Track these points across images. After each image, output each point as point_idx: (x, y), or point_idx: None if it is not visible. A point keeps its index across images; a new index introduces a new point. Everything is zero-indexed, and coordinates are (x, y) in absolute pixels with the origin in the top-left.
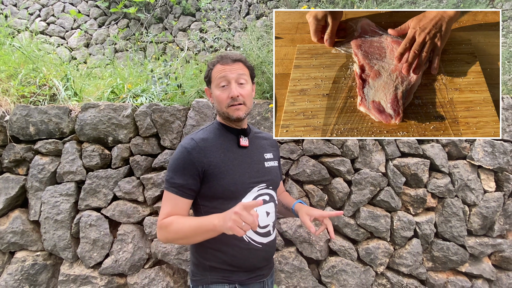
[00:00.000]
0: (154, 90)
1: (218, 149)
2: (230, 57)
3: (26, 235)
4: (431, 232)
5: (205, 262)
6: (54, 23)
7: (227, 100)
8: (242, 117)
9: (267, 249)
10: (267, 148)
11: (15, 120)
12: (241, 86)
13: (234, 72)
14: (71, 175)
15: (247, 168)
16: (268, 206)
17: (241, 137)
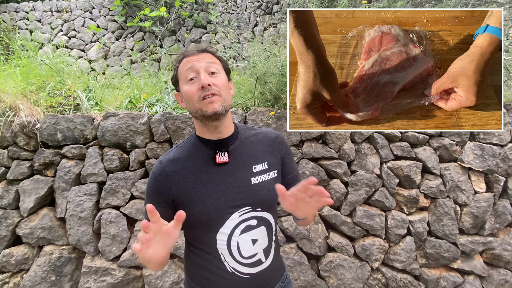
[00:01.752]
0: (168, 100)
1: (189, 172)
2: (195, 48)
3: (53, 230)
4: (424, 230)
5: (192, 283)
6: (75, 37)
7: (198, 93)
8: (219, 111)
9: (260, 278)
10: (259, 156)
11: (44, 127)
12: (212, 76)
13: (201, 60)
14: (93, 177)
15: (224, 190)
16: (254, 232)
17: (217, 154)
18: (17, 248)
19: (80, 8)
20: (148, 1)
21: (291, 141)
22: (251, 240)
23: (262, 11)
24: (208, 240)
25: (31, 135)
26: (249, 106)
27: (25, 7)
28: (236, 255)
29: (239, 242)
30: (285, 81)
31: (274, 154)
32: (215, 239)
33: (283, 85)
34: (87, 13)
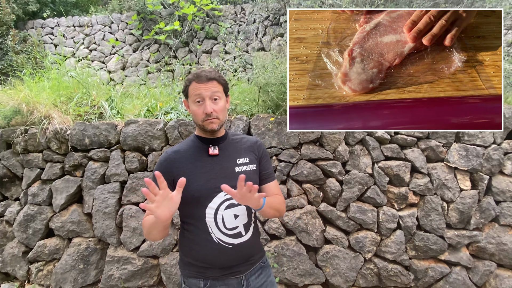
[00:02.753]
0: (181, 108)
1: (187, 160)
2: (205, 75)
3: (81, 224)
4: (413, 224)
5: (184, 257)
6: (96, 50)
7: (202, 115)
8: (216, 129)
9: (240, 249)
10: (242, 153)
11: (74, 133)
12: (214, 102)
13: (208, 90)
14: (116, 177)
15: (214, 174)
16: (236, 209)
17: (210, 147)
18: (50, 240)
19: (100, 23)
20: (162, 15)
21: (290, 144)
22: (233, 215)
23: (270, 22)
24: (198, 215)
25: (62, 140)
26: (253, 113)
27: (50, 23)
28: (221, 226)
29: (223, 216)
30: (285, 90)
31: (254, 153)
32: (204, 213)
33: (282, 94)
34: (106, 28)
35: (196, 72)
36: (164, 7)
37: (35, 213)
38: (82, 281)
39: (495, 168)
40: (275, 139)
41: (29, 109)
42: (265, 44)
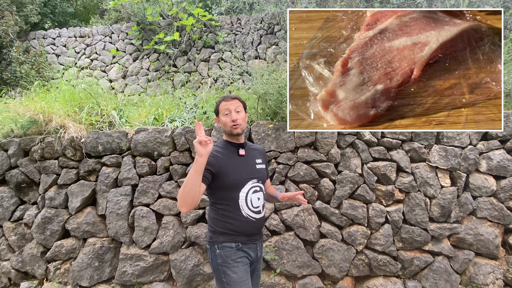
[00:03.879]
0: (186, 116)
1: (225, 157)
2: (230, 96)
3: (96, 225)
4: (399, 219)
5: (218, 229)
6: (97, 59)
7: (230, 123)
8: (240, 133)
9: (259, 222)
10: (257, 156)
11: (88, 141)
12: (237, 114)
13: (233, 105)
14: (128, 180)
15: (244, 169)
16: (259, 194)
17: (240, 149)
18: (66, 240)
19: (101, 33)
20: (162, 26)
21: (287, 147)
22: (257, 198)
23: (265, 31)
24: (233, 197)
25: (77, 148)
26: (253, 120)
27: (52, 34)
28: (250, 205)
29: (251, 198)
30: (281, 99)
31: (262, 157)
32: (238, 196)
33: (280, 103)
34: (107, 38)
35: (224, 95)
36: (163, 18)
37: (52, 215)
38: (97, 278)
39: (471, 166)
40: (274, 143)
41: (45, 119)
42: (261, 53)
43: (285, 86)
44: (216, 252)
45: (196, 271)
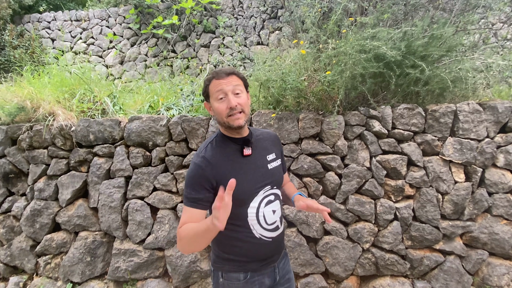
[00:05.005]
0: (185, 104)
1: (225, 162)
2: (224, 71)
3: (88, 218)
4: (409, 215)
5: (224, 254)
6: (93, 44)
7: (226, 111)
8: (243, 124)
9: (277, 241)
10: (269, 148)
11: (79, 130)
12: (237, 96)
13: (229, 84)
14: (121, 172)
15: (252, 175)
16: (273, 204)
17: (244, 148)
18: (57, 233)
19: (98, 17)
20: (160, 9)
21: (291, 139)
22: (272, 211)
23: (268, 16)
24: (240, 215)
25: (67, 136)
26: (254, 109)
27: (47, 17)
28: (263, 223)
29: (264, 213)
30: (285, 87)
31: (276, 147)
32: (246, 213)
33: (283, 90)
34: (104, 22)
35: (214, 70)
36: (162, 1)
37: (42, 208)
38: (89, 273)
39: (488, 161)
40: (276, 134)
41: (33, 106)
42: (264, 38)
43: (289, 72)
44: (220, 280)
45: (193, 267)
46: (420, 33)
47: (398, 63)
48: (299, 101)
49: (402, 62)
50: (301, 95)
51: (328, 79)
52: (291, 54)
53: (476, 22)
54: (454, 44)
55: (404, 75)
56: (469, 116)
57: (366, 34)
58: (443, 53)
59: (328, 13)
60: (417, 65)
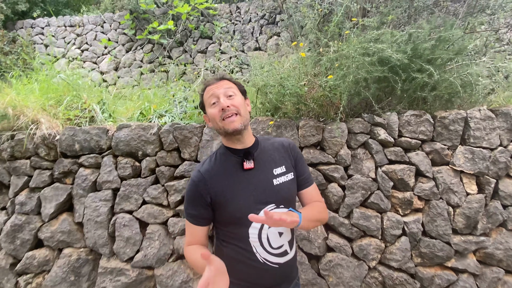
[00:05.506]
0: (178, 111)
1: (221, 177)
2: (214, 77)
3: (72, 234)
4: (418, 230)
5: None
6: (87, 50)
7: (219, 113)
8: (239, 128)
9: (285, 268)
10: (278, 160)
11: (63, 139)
12: (230, 98)
13: (220, 87)
14: (108, 184)
15: (252, 191)
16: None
17: (245, 161)
18: (39, 250)
19: (92, 22)
20: (156, 14)
21: None
22: (277, 232)
23: (266, 21)
24: (241, 235)
25: (51, 146)
26: (251, 116)
27: (41, 23)
28: (266, 246)
29: (268, 235)
30: (284, 92)
31: (289, 158)
32: (247, 233)
33: (281, 96)
34: (98, 27)
35: (206, 79)
36: (158, 6)
37: (23, 223)
38: None
39: (502, 171)
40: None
41: (15, 113)
42: (261, 44)
43: (288, 77)
44: None
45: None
46: (427, 35)
47: (403, 67)
48: (299, 107)
49: (408, 66)
50: (301, 101)
51: (330, 83)
52: (290, 58)
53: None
54: (463, 47)
55: (410, 80)
56: (480, 123)
57: (369, 36)
58: (451, 57)
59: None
60: (424, 69)
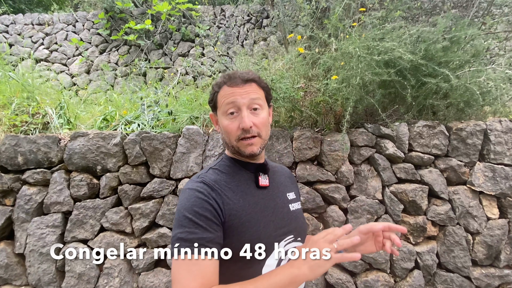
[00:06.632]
0: (146, 117)
1: (235, 193)
2: (240, 76)
3: (11, 269)
4: (433, 262)
5: None
6: (57, 51)
7: (237, 132)
8: (257, 153)
9: None
10: (288, 185)
11: (3, 150)
12: (254, 113)
13: (245, 96)
14: (58, 206)
15: (271, 215)
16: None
17: (260, 175)
18: None
19: (63, 21)
20: (134, 14)
21: (283, 163)
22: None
23: (252, 25)
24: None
25: None
26: None
27: (5, 20)
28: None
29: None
30: (276, 97)
31: (295, 187)
32: (260, 273)
33: (273, 101)
34: (70, 26)
35: (228, 73)
36: (136, 6)
37: None
38: None
39: None
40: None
41: None
42: (247, 49)
43: (281, 78)
44: None
45: None
46: (440, 33)
47: (413, 71)
48: (293, 115)
49: (417, 69)
50: (296, 107)
51: (331, 87)
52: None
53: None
54: (481, 49)
55: (419, 85)
56: (502, 137)
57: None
58: (468, 59)
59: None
60: (436, 73)
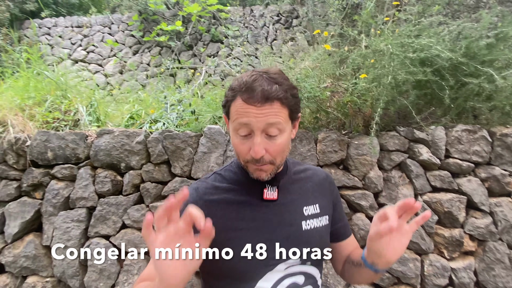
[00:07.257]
0: (171, 116)
1: (229, 204)
2: (261, 91)
3: (38, 260)
4: (470, 281)
5: None
6: (93, 52)
7: (247, 156)
8: (265, 179)
9: None
10: (311, 196)
11: (35, 145)
12: (271, 140)
13: (261, 119)
14: (83, 201)
15: (270, 233)
16: None
17: (266, 187)
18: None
19: (100, 23)
20: (166, 16)
21: None
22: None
23: (281, 25)
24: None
25: (20, 153)
26: None
27: (48, 23)
28: None
29: None
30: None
31: (326, 196)
32: None
33: None
34: (106, 28)
35: (247, 80)
36: (168, 8)
37: None
38: None
39: None
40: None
41: None
42: (276, 49)
43: (306, 78)
44: None
45: None
46: (484, 29)
47: (452, 70)
48: (318, 116)
49: (457, 68)
50: (322, 108)
51: (359, 86)
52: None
53: None
54: None
55: (458, 86)
56: None
57: (409, 30)
58: None
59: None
60: (479, 72)
